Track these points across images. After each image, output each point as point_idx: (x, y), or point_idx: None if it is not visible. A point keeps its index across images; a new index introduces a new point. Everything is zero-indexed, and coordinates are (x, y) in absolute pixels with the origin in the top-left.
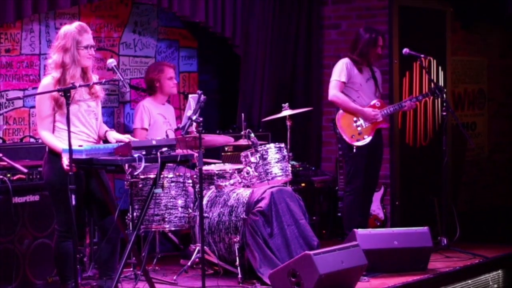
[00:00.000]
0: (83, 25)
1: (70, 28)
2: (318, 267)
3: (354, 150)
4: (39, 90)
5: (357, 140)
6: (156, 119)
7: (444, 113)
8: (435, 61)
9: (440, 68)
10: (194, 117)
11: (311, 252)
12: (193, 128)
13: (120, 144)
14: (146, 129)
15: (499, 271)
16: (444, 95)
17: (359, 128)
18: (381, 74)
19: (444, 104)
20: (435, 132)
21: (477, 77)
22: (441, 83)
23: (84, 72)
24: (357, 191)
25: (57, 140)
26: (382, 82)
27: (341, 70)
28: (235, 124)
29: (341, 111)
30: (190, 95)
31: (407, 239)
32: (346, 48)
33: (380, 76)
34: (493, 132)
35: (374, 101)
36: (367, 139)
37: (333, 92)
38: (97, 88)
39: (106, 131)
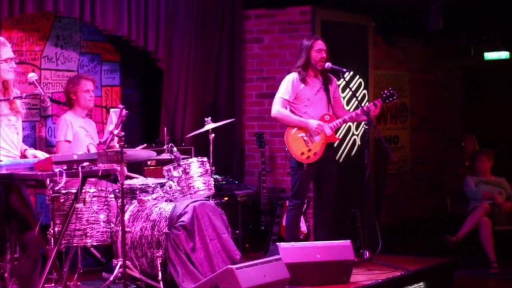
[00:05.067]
0: (1, 39)
1: None
2: (241, 281)
3: (305, 168)
4: None
5: (307, 158)
6: (77, 132)
7: (366, 127)
8: (357, 75)
9: (362, 81)
10: (115, 132)
11: (234, 266)
12: (115, 142)
13: (40, 159)
14: (69, 142)
15: (421, 284)
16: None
17: (308, 144)
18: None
19: (367, 117)
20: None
21: (399, 91)
22: (365, 97)
23: (5, 87)
24: (300, 206)
25: None
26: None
27: (286, 87)
28: (158, 138)
29: (289, 126)
30: (111, 110)
31: (329, 253)
32: (268, 62)
33: (335, 85)
34: (415, 145)
35: (324, 115)
36: (318, 155)
37: (276, 108)
38: (18, 103)
39: (25, 149)
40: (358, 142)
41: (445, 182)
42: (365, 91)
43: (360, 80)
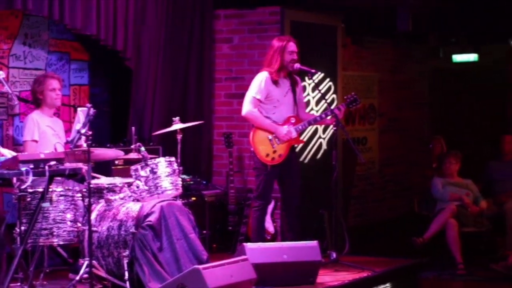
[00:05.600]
0: None
1: None
2: (207, 281)
3: (269, 169)
4: None
5: (272, 159)
6: (44, 131)
7: (335, 128)
8: (326, 77)
9: (331, 82)
10: (83, 131)
11: (200, 267)
12: (82, 141)
13: (7, 157)
14: (36, 141)
15: (387, 285)
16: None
17: (274, 146)
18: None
19: (335, 119)
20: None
21: (368, 92)
22: (334, 101)
23: None
24: (264, 206)
25: None
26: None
27: (258, 86)
28: (125, 137)
29: (255, 127)
30: (79, 108)
31: (296, 253)
32: (237, 62)
33: (301, 87)
34: (383, 146)
35: (290, 117)
36: (282, 157)
37: (247, 108)
38: None
39: None
40: (324, 145)
41: (413, 184)
42: (334, 96)
43: (330, 83)
